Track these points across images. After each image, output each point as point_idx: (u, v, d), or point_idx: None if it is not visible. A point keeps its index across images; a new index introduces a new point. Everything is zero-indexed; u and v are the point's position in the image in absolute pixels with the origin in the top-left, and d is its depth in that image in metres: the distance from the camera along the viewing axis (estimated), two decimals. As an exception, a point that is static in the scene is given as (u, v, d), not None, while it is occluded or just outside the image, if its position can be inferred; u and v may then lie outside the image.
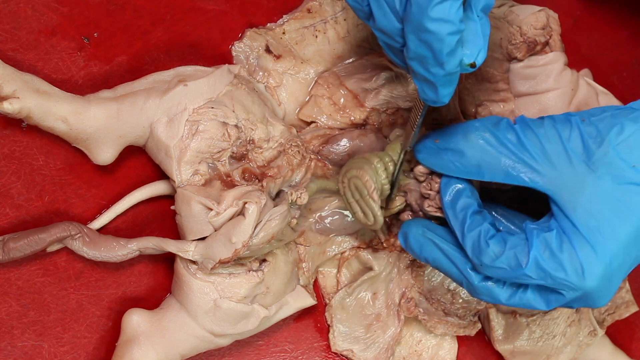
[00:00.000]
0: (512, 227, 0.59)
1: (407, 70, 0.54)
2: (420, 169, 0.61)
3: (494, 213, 0.60)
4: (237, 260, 0.62)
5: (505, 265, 0.54)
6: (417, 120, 0.58)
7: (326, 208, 0.68)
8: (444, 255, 0.58)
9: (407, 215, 0.64)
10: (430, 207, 0.61)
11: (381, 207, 0.63)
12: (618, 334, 0.74)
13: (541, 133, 0.55)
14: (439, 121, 0.69)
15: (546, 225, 0.55)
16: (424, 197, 0.61)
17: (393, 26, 0.52)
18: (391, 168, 0.62)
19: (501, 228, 0.58)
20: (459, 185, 0.58)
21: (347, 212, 0.68)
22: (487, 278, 0.56)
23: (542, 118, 0.56)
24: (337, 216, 0.68)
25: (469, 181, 0.59)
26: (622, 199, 0.52)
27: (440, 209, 0.60)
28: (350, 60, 0.69)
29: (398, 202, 0.64)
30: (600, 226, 0.52)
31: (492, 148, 0.56)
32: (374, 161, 0.62)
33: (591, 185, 0.53)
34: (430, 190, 0.61)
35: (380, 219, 0.62)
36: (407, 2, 0.50)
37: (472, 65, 0.52)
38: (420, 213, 0.63)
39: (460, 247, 0.58)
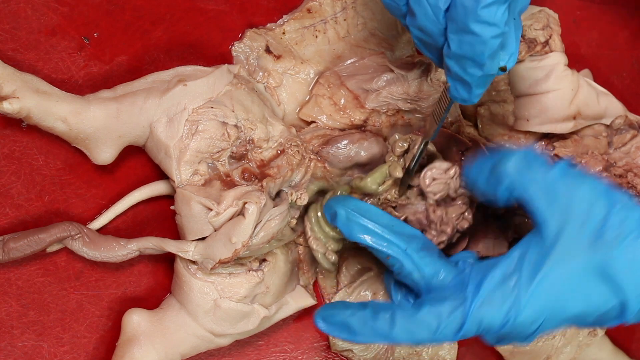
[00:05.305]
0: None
1: (439, 65, 0.54)
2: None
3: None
4: (237, 260, 0.62)
5: (446, 334, 0.53)
6: (442, 114, 0.58)
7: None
8: (383, 241, 0.57)
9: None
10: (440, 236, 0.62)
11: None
12: (618, 334, 0.74)
13: (580, 189, 0.52)
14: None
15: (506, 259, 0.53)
16: (430, 221, 0.62)
17: (434, 25, 0.51)
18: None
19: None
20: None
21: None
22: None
23: (589, 177, 0.53)
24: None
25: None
26: (591, 288, 0.51)
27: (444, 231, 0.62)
28: (352, 60, 0.69)
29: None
30: (558, 299, 0.52)
31: (522, 178, 0.53)
32: (319, 211, 0.64)
33: (581, 260, 0.51)
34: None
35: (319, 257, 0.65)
36: (451, 2, 0.49)
37: (503, 69, 0.51)
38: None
39: (391, 227, 0.58)
